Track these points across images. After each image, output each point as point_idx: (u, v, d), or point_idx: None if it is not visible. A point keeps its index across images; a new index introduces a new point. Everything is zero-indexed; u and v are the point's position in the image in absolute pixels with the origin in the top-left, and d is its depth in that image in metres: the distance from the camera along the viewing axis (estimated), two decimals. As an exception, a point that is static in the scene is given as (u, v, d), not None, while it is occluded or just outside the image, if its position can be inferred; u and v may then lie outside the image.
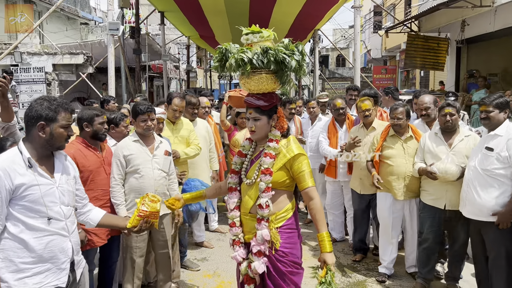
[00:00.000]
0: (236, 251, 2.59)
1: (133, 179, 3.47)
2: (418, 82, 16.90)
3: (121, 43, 9.82)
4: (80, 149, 3.34)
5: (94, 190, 3.37)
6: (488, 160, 3.24)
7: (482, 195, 3.26)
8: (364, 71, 22.29)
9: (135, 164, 3.44)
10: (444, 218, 3.80)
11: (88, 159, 3.34)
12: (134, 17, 11.77)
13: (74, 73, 10.09)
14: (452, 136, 3.78)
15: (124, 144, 3.50)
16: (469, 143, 3.71)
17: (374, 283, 4.19)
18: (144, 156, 3.48)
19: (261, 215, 2.47)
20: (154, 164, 3.52)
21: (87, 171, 3.32)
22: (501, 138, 3.22)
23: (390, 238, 4.25)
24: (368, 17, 21.73)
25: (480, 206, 3.28)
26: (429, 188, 3.85)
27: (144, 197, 2.53)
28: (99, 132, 3.37)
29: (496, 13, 9.41)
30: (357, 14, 9.03)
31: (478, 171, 3.30)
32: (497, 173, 3.19)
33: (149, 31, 16.43)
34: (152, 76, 17.02)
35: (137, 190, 3.46)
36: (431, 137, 3.88)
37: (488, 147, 3.26)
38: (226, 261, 4.74)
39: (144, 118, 3.47)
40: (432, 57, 11.67)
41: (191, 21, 11.30)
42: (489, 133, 3.29)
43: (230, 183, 2.66)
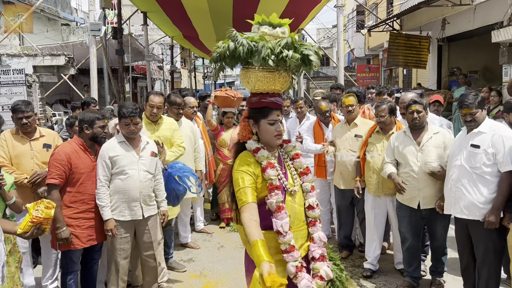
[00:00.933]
0: (303, 277, 2.12)
1: (118, 180, 3.44)
2: (401, 80, 17.08)
3: (103, 44, 9.70)
4: (76, 150, 3.38)
5: (82, 193, 3.38)
6: (476, 157, 3.24)
7: (472, 192, 3.26)
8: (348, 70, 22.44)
9: (121, 166, 3.42)
10: (421, 216, 3.83)
11: (82, 161, 3.38)
12: (116, 17, 11.65)
13: (56, 74, 9.87)
14: (420, 134, 3.78)
15: (110, 145, 3.48)
16: (438, 140, 3.72)
17: (360, 279, 4.22)
18: (130, 157, 3.47)
19: (313, 217, 2.30)
20: (140, 165, 3.50)
21: (78, 173, 3.34)
22: (485, 135, 3.24)
23: (373, 235, 4.29)
24: (351, 16, 21.89)
25: (470, 204, 3.27)
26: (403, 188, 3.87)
27: (39, 203, 2.47)
28: (98, 135, 3.44)
29: (475, 11, 9.58)
30: (340, 13, 9.09)
31: (465, 169, 3.29)
32: (485, 170, 3.21)
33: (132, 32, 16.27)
34: (136, 77, 16.86)
35: (122, 191, 3.45)
36: (400, 135, 3.89)
37: (473, 144, 3.26)
38: (213, 261, 4.72)
39: (127, 122, 3.45)
40: (414, 55, 11.83)
41: (174, 21, 11.24)
42: (473, 131, 3.30)
43: (278, 202, 2.15)
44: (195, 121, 5.47)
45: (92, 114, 3.47)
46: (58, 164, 3.28)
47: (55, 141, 3.90)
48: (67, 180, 3.33)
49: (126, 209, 3.47)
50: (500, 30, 8.42)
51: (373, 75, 18.82)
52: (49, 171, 3.31)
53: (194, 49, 16.71)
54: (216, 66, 2.33)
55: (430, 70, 12.83)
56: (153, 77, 16.10)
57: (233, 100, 5.68)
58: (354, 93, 4.78)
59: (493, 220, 3.15)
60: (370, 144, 4.20)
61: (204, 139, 5.49)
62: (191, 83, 22.78)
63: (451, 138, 3.86)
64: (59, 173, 3.27)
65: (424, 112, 3.77)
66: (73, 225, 3.33)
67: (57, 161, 3.29)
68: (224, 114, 5.78)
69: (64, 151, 3.33)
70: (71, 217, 3.33)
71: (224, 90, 5.70)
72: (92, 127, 3.40)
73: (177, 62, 21.61)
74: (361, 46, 21.51)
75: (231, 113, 5.79)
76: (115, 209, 3.45)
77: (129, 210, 3.48)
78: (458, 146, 3.43)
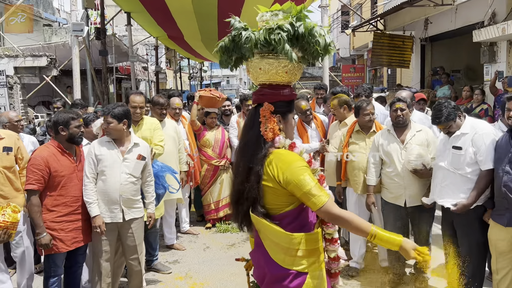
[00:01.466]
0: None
1: (100, 181, 3.41)
2: (386, 80, 17.25)
3: (86, 45, 9.59)
4: (54, 153, 3.30)
5: (65, 196, 3.32)
6: (459, 159, 3.29)
7: (455, 192, 3.32)
8: (334, 70, 22.57)
9: (103, 165, 3.39)
10: (406, 213, 3.86)
11: (61, 164, 3.31)
12: (99, 18, 11.52)
13: (38, 76, 9.74)
14: (404, 132, 3.83)
15: (98, 143, 3.47)
16: (421, 137, 3.78)
17: (345, 278, 4.23)
18: (113, 158, 3.42)
19: None
20: (123, 167, 3.44)
21: (59, 176, 3.28)
22: (466, 135, 3.29)
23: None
24: (336, 16, 22.02)
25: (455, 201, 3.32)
26: (388, 186, 3.90)
27: (5, 207, 2.42)
28: (75, 136, 3.34)
29: (457, 11, 9.72)
30: (324, 14, 9.13)
31: (449, 171, 3.35)
32: (468, 170, 3.26)
33: (116, 32, 16.12)
34: (120, 78, 16.69)
35: (102, 192, 3.40)
36: (384, 134, 3.94)
37: (455, 146, 3.31)
38: (198, 262, 4.69)
39: (103, 121, 3.47)
40: (398, 55, 11.94)
41: (159, 22, 11.14)
42: (454, 134, 3.34)
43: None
44: (181, 121, 5.44)
45: (66, 114, 3.37)
46: (35, 169, 3.20)
47: (17, 144, 3.73)
48: (48, 184, 3.26)
49: (107, 211, 3.43)
50: (481, 30, 8.56)
51: (358, 75, 18.96)
52: (27, 176, 3.24)
53: (180, 49, 16.59)
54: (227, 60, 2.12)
55: (413, 69, 12.98)
56: (138, 78, 15.96)
57: (218, 101, 5.67)
58: (338, 92, 4.85)
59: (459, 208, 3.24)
60: (353, 144, 4.24)
61: (189, 140, 5.46)
62: (176, 84, 22.65)
63: (433, 135, 3.92)
64: (36, 178, 3.19)
65: (408, 110, 3.82)
66: (57, 228, 3.27)
67: (34, 166, 3.21)
68: (207, 115, 5.77)
69: (41, 156, 3.25)
70: (54, 221, 3.27)
71: (208, 90, 5.67)
72: (68, 128, 3.31)
73: (162, 62, 21.49)
74: (346, 46, 21.66)
75: (214, 114, 5.79)
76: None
77: (110, 212, 3.43)
78: (443, 148, 3.48)
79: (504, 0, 8.42)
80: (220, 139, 5.79)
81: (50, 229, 3.24)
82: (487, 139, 3.21)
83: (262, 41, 1.94)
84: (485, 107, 7.40)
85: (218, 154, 5.77)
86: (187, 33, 12.01)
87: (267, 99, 2.03)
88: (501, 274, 3.19)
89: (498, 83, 8.13)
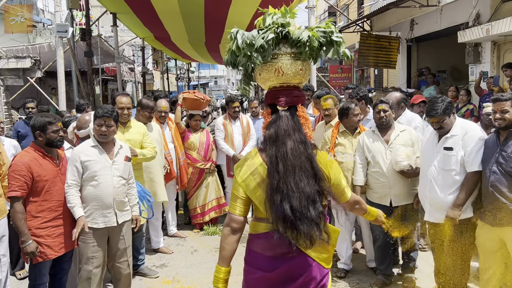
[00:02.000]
0: None
1: (90, 187, 3.30)
2: (373, 80, 17.36)
3: (71, 46, 9.45)
4: (35, 158, 3.21)
5: (49, 201, 3.24)
6: (450, 159, 3.31)
7: (446, 194, 3.32)
8: (321, 71, 22.65)
9: (93, 171, 3.29)
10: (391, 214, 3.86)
11: (44, 168, 3.21)
12: (84, 18, 11.37)
13: (22, 77, 9.58)
14: (387, 132, 3.88)
15: (82, 149, 3.35)
16: (405, 137, 3.82)
17: (333, 279, 4.23)
18: (103, 162, 3.34)
19: None
20: (114, 171, 3.38)
21: (42, 180, 3.19)
22: (457, 136, 3.31)
23: (344, 234, 4.31)
24: (323, 17, 22.10)
25: (443, 205, 3.33)
26: (374, 186, 3.92)
27: None
28: (52, 141, 3.24)
29: (442, 12, 9.83)
30: (311, 15, 9.13)
31: (440, 172, 3.36)
32: (459, 171, 3.28)
33: (102, 33, 15.94)
34: (106, 79, 16.51)
35: (95, 198, 3.31)
36: (369, 134, 3.98)
37: (447, 147, 3.33)
38: (186, 266, 4.65)
39: (100, 123, 3.32)
40: (384, 55, 12.02)
41: (145, 22, 11.05)
42: (446, 136, 3.35)
43: None
44: (167, 124, 5.38)
45: (43, 118, 3.25)
46: (17, 176, 3.11)
47: None
48: (31, 190, 3.17)
49: (99, 217, 3.34)
50: (466, 31, 8.66)
51: (345, 75, 19.06)
52: (9, 183, 3.16)
53: (167, 50, 16.48)
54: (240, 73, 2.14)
55: (400, 70, 13.08)
56: (124, 79, 15.80)
57: (202, 103, 5.60)
58: (323, 95, 4.94)
59: (453, 215, 3.23)
60: (340, 145, 4.24)
61: (175, 143, 5.40)
62: (163, 84, 22.50)
63: (417, 135, 3.95)
64: (19, 185, 3.11)
65: (391, 111, 3.86)
66: (43, 235, 3.19)
67: (16, 172, 3.12)
68: (191, 117, 5.70)
69: (22, 161, 3.16)
70: (39, 227, 3.19)
71: (192, 92, 5.63)
72: (45, 132, 3.22)
73: (148, 63, 21.32)
74: (333, 46, 21.71)
75: (198, 116, 5.72)
76: (88, 216, 3.30)
77: (103, 217, 3.35)
78: (431, 150, 3.48)
79: (488, 1, 8.53)
80: (205, 142, 5.72)
81: (36, 236, 3.15)
82: (476, 141, 3.24)
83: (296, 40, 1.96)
84: (471, 107, 7.48)
85: (203, 157, 5.69)
86: (174, 33, 11.94)
87: (300, 101, 2.09)
88: (488, 273, 3.22)
89: (483, 83, 8.24)
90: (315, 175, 1.97)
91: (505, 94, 3.14)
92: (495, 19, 8.12)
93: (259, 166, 2.05)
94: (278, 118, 2.04)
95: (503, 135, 3.11)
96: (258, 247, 2.12)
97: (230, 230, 2.09)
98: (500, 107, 3.06)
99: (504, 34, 7.98)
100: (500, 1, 8.38)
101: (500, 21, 7.66)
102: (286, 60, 2.00)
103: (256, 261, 2.12)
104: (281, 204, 1.91)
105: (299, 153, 1.97)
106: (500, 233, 3.09)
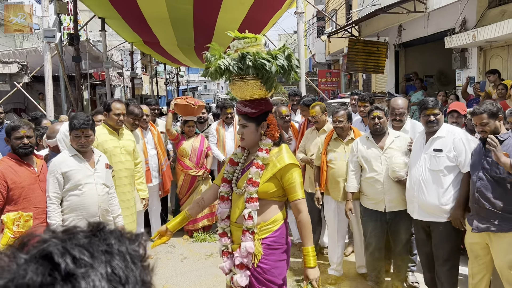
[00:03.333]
0: (224, 261, 2.56)
1: (73, 197, 3.22)
2: (361, 84, 17.50)
3: (59, 51, 9.38)
4: (10, 166, 3.13)
5: (28, 209, 3.12)
6: (439, 160, 3.37)
7: (435, 194, 3.37)
8: (310, 75, 22.74)
9: (76, 180, 3.21)
10: (385, 220, 3.89)
11: (19, 175, 3.12)
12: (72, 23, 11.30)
13: (8, 83, 9.49)
14: (382, 138, 3.88)
15: (62, 159, 3.26)
16: (401, 143, 3.84)
17: (324, 285, 4.23)
18: (84, 171, 3.27)
19: (246, 227, 2.40)
20: (97, 179, 3.32)
21: (18, 188, 3.10)
22: (444, 139, 3.38)
23: (337, 241, 4.32)
24: (312, 22, 22.24)
25: (433, 206, 3.38)
26: (368, 192, 3.91)
27: (17, 218, 2.35)
28: (15, 147, 3.13)
29: (429, 18, 9.95)
30: (300, 20, 9.19)
31: (428, 172, 3.41)
32: (447, 172, 3.35)
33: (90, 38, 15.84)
34: (95, 84, 16.40)
35: (79, 208, 3.23)
36: (363, 141, 3.97)
37: (436, 149, 3.40)
38: (175, 274, 4.60)
39: (78, 134, 3.24)
40: (373, 60, 12.13)
41: (134, 27, 11.01)
42: (432, 137, 3.42)
43: (222, 192, 2.58)
44: (150, 130, 5.32)
45: (11, 124, 3.16)
46: None
47: None
48: (7, 199, 3.06)
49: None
50: (453, 37, 8.78)
51: (334, 79, 19.19)
52: None
53: (156, 54, 16.42)
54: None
55: (388, 75, 13.22)
56: (113, 84, 15.71)
57: (194, 108, 5.55)
58: (311, 102, 4.97)
59: (458, 217, 3.30)
60: (331, 152, 4.25)
61: (158, 149, 5.33)
62: (152, 89, 22.42)
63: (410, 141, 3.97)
64: None
65: (385, 118, 3.88)
66: None
67: None
68: (185, 123, 5.66)
69: None
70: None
71: (184, 98, 5.58)
72: (10, 138, 3.13)
73: (137, 68, 21.22)
74: (322, 51, 21.88)
75: (192, 122, 5.63)
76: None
77: None
78: (418, 151, 3.54)
79: (474, 8, 8.67)
80: (197, 148, 5.61)
81: None
82: (467, 143, 3.33)
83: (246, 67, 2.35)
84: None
85: (196, 163, 5.57)
86: (162, 38, 11.91)
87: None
88: (476, 278, 3.26)
89: (470, 89, 8.35)
90: None
91: (480, 107, 3.17)
92: (481, 25, 8.25)
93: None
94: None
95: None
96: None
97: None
98: (479, 120, 3.12)
99: (490, 40, 8.12)
100: (486, 7, 8.53)
101: (486, 27, 7.79)
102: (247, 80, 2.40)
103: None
104: None
105: None
106: (486, 238, 3.14)
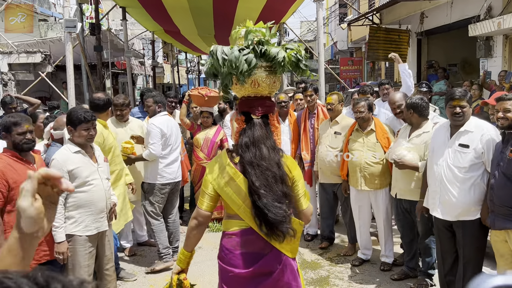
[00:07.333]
0: None
1: (81, 193, 3.19)
2: (384, 73, 17.19)
3: (80, 41, 9.53)
4: (9, 163, 2.96)
5: None
6: (466, 157, 3.19)
7: (460, 193, 3.22)
8: (332, 63, 22.49)
9: (83, 177, 3.19)
10: (402, 208, 3.94)
11: (19, 173, 2.94)
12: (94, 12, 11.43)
13: (32, 72, 9.72)
14: (414, 130, 3.88)
15: (65, 157, 3.18)
16: (426, 138, 3.74)
17: (336, 279, 4.25)
18: (90, 167, 3.26)
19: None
20: (101, 173, 3.33)
21: (19, 187, 3.07)
22: (472, 134, 3.20)
23: (360, 226, 4.51)
24: (334, 9, 21.88)
25: (455, 205, 3.25)
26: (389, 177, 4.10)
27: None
28: (18, 143, 3.00)
29: (453, 5, 9.67)
30: (319, 8, 9.06)
31: (452, 169, 3.25)
32: (472, 169, 3.19)
33: (112, 27, 16.02)
34: (117, 72, 16.62)
35: (88, 204, 3.23)
36: (403, 128, 4.07)
37: (462, 144, 3.22)
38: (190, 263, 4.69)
39: (88, 127, 3.24)
40: (394, 49, 11.86)
41: (154, 17, 11.08)
42: (459, 130, 3.25)
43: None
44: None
45: (10, 119, 3.02)
46: None
47: None
48: (8, 199, 2.92)
49: (92, 223, 3.25)
50: (477, 24, 8.52)
51: (356, 68, 18.91)
52: None
53: (177, 43, 16.47)
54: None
55: (410, 63, 12.92)
56: (135, 73, 15.89)
57: (205, 99, 5.55)
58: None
59: (485, 219, 3.19)
60: (352, 142, 4.34)
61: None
62: (173, 78, 22.56)
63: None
64: None
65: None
66: None
67: None
68: (201, 113, 5.70)
69: None
70: None
71: (198, 89, 5.63)
72: (10, 134, 3.00)
73: (159, 57, 21.36)
74: (344, 39, 21.54)
75: (206, 113, 5.62)
76: (79, 224, 3.20)
77: (96, 223, 3.27)
78: (442, 145, 3.37)
79: (500, -6, 8.38)
80: (210, 139, 5.62)
81: None
82: (495, 143, 3.14)
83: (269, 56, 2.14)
84: (480, 102, 7.35)
85: (206, 155, 5.59)
86: (183, 27, 11.96)
87: (272, 111, 2.28)
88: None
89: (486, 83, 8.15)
90: (282, 178, 2.17)
91: (509, 94, 3.08)
92: (507, 12, 7.98)
93: (227, 166, 2.20)
94: (252, 125, 2.21)
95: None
96: (232, 245, 2.22)
97: (197, 223, 2.26)
98: (502, 106, 2.98)
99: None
100: (512, -6, 8.22)
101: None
102: (262, 73, 2.17)
103: (230, 259, 2.21)
104: (258, 202, 2.09)
105: (271, 158, 2.16)
106: (505, 236, 3.03)
